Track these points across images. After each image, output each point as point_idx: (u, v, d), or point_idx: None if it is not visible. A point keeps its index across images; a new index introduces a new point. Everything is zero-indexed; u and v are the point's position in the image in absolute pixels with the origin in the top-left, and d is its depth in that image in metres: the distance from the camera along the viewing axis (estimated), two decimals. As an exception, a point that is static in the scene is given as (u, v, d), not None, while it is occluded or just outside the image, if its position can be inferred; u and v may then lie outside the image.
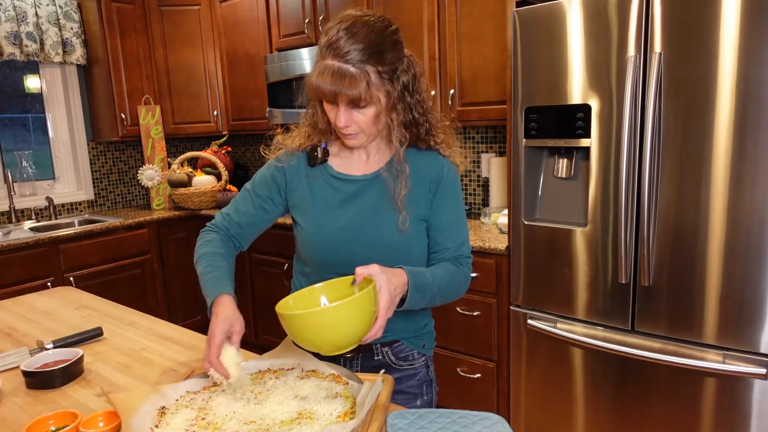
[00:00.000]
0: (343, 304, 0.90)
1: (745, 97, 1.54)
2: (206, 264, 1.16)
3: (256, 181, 1.26)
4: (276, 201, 1.24)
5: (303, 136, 1.23)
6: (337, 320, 0.91)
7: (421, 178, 1.17)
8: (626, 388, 1.89)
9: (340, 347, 0.95)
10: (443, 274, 1.14)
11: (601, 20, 1.76)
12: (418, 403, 1.27)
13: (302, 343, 0.96)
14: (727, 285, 1.64)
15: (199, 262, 1.19)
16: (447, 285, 1.14)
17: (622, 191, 1.77)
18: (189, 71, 3.72)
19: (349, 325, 0.92)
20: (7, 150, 3.39)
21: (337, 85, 1.02)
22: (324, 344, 0.95)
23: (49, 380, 1.17)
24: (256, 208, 1.24)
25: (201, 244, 1.23)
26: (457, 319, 2.38)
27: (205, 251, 1.20)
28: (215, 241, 1.22)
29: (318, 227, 1.18)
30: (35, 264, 2.87)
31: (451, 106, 2.56)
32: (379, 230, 1.15)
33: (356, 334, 0.94)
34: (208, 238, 1.24)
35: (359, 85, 1.02)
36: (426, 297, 1.09)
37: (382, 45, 1.04)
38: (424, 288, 1.08)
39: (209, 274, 1.14)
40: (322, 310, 0.94)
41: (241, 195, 1.27)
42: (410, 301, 1.06)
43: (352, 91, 1.02)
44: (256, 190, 1.25)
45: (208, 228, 1.27)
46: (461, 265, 1.20)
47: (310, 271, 1.23)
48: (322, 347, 0.96)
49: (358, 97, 1.03)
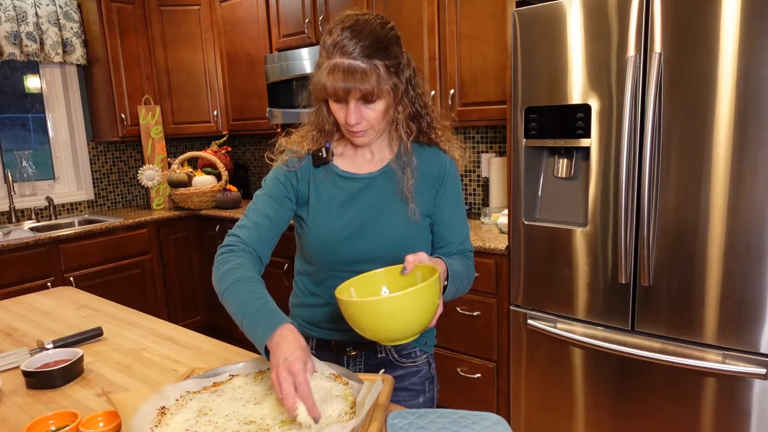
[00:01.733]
0: (413, 291, 0.89)
1: (745, 96, 1.54)
2: (248, 290, 1.03)
3: (270, 185, 1.21)
4: (292, 200, 1.21)
5: (310, 140, 1.21)
6: (406, 308, 0.91)
7: (424, 175, 1.20)
8: (626, 388, 1.89)
9: (405, 336, 0.95)
10: (461, 266, 1.17)
11: (601, 20, 1.76)
12: (420, 400, 1.27)
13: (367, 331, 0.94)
14: (727, 285, 1.64)
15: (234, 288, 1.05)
16: (465, 277, 1.17)
17: (622, 191, 1.77)
18: (189, 71, 3.72)
19: (416, 314, 0.92)
20: (7, 150, 3.40)
21: (350, 82, 1.03)
22: (389, 332, 0.93)
23: (49, 380, 1.17)
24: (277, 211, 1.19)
25: (231, 267, 1.08)
26: (457, 319, 2.38)
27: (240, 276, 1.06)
28: (246, 264, 1.10)
29: (323, 226, 1.18)
30: (35, 264, 2.87)
31: (451, 106, 2.56)
32: (387, 224, 1.17)
33: (421, 323, 0.94)
34: (238, 261, 1.09)
35: (370, 79, 1.04)
36: (455, 288, 1.12)
37: (386, 40, 1.06)
38: (456, 278, 1.11)
39: (258, 300, 1.01)
40: (390, 297, 0.90)
41: (260, 201, 1.20)
42: (449, 291, 1.07)
43: (364, 85, 1.03)
44: (273, 193, 1.20)
45: (230, 249, 1.14)
46: (468, 259, 1.23)
47: (313, 270, 1.23)
48: (386, 334, 0.94)
49: (371, 91, 1.04)
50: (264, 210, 1.18)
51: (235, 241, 1.15)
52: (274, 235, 1.20)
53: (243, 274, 1.06)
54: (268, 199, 1.19)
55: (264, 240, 1.17)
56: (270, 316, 0.98)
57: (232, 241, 1.15)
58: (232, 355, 1.32)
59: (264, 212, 1.18)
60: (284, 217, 1.21)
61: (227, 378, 1.08)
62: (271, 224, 1.18)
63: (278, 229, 1.21)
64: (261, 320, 0.97)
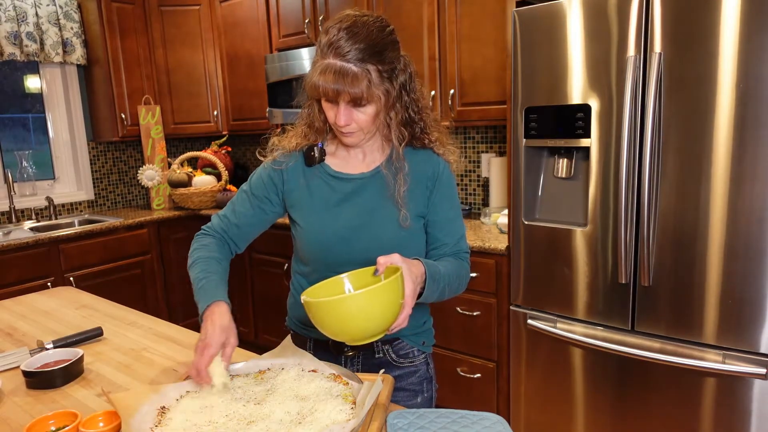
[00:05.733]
0: (371, 290, 0.89)
1: (745, 96, 1.54)
2: (201, 269, 1.15)
3: (253, 182, 1.25)
4: (274, 202, 1.24)
5: (299, 136, 1.23)
6: (365, 307, 0.90)
7: (418, 176, 1.19)
8: (626, 388, 1.89)
9: (367, 336, 0.95)
10: (450, 267, 1.16)
11: (601, 20, 1.76)
12: (418, 400, 1.27)
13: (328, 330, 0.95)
14: (727, 285, 1.64)
15: (193, 266, 1.17)
16: (455, 278, 1.16)
17: (622, 191, 1.77)
18: (189, 71, 3.72)
19: (377, 313, 0.92)
20: (7, 150, 3.40)
21: (340, 84, 1.03)
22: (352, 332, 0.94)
23: (49, 380, 1.17)
24: (254, 209, 1.24)
25: (196, 248, 1.21)
26: (457, 319, 2.38)
27: (199, 255, 1.18)
28: (211, 246, 1.21)
29: (317, 227, 1.18)
30: (35, 264, 2.87)
31: (451, 106, 2.56)
32: (378, 228, 1.16)
33: (383, 322, 0.94)
34: (204, 242, 1.22)
35: (361, 83, 1.03)
36: (439, 289, 1.10)
37: (381, 44, 1.06)
38: (439, 279, 1.09)
39: (204, 279, 1.13)
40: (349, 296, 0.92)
41: (239, 196, 1.26)
42: (427, 293, 1.07)
43: (354, 89, 1.03)
44: (253, 191, 1.24)
45: (203, 232, 1.26)
46: (462, 260, 1.22)
47: (309, 271, 1.23)
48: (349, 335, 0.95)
49: (360, 95, 1.04)
50: (238, 207, 1.25)
51: (208, 226, 1.26)
52: (244, 232, 1.26)
53: (203, 254, 1.19)
54: (246, 196, 1.25)
55: (232, 234, 1.25)
56: (207, 294, 1.09)
57: (207, 226, 1.27)
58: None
59: (237, 209, 1.25)
60: (260, 217, 1.25)
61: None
62: (240, 222, 1.24)
63: (250, 228, 1.26)
64: (200, 297, 1.10)
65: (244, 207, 1.24)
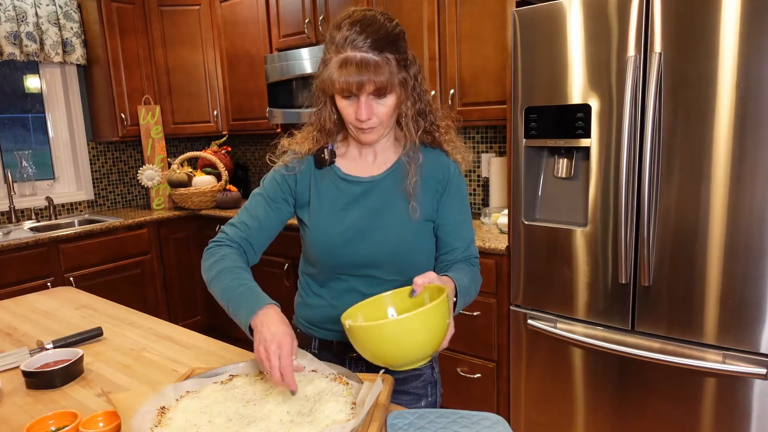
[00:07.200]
0: (420, 312, 0.86)
1: (745, 96, 1.54)
2: (232, 277, 1.08)
3: (267, 185, 1.23)
4: (289, 202, 1.22)
5: (311, 141, 1.21)
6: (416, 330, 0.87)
7: (428, 178, 1.18)
8: (626, 388, 1.89)
9: (415, 360, 0.92)
10: (469, 277, 1.15)
11: (601, 20, 1.76)
12: (422, 404, 1.27)
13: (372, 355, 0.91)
14: (727, 285, 1.64)
15: (219, 277, 1.10)
16: (474, 288, 1.17)
17: (622, 191, 1.77)
18: (189, 71, 3.72)
19: (427, 336, 0.89)
20: (7, 150, 3.39)
21: (364, 74, 1.02)
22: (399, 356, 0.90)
23: (49, 380, 1.17)
24: (274, 211, 1.21)
25: (216, 259, 1.13)
26: (457, 319, 2.38)
27: (225, 266, 1.11)
28: (231, 255, 1.14)
29: (324, 228, 1.18)
30: (35, 264, 2.87)
31: (451, 106, 2.56)
32: (386, 231, 1.16)
33: (433, 344, 0.92)
34: (223, 253, 1.15)
35: (384, 71, 1.03)
36: (464, 301, 1.11)
37: (394, 34, 1.07)
38: (466, 293, 1.10)
39: (240, 287, 1.06)
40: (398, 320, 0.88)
41: (254, 201, 1.22)
42: (458, 308, 1.07)
43: (379, 77, 1.03)
44: (269, 194, 1.21)
45: (216, 243, 1.19)
46: (473, 265, 1.22)
47: (316, 272, 1.23)
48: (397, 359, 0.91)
49: (384, 83, 1.04)
50: (255, 211, 1.21)
51: (223, 237, 1.19)
52: (264, 236, 1.22)
53: (228, 264, 1.11)
54: (262, 200, 1.22)
55: (252, 240, 1.20)
56: (254, 298, 1.02)
57: (220, 237, 1.20)
58: (232, 355, 1.32)
59: (255, 213, 1.21)
60: (277, 219, 1.22)
61: (227, 378, 1.08)
62: (261, 226, 1.20)
63: (269, 231, 1.22)
64: (243, 303, 1.02)
65: (262, 211, 1.20)
